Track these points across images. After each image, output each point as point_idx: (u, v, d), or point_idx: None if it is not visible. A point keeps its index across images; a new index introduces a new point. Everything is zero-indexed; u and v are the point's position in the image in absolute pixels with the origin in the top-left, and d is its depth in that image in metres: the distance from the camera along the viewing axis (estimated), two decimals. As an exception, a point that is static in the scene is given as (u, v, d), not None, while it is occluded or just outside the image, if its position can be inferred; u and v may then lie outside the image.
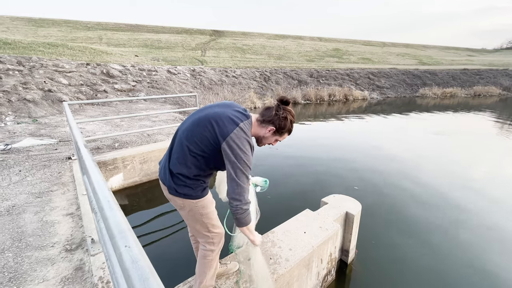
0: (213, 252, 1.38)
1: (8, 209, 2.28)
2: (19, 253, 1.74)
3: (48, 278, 1.53)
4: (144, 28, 35.27)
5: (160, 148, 4.38)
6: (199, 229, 1.34)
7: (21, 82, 7.40)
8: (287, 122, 1.24)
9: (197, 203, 1.26)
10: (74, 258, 1.71)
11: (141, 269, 0.46)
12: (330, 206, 2.47)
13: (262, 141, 1.32)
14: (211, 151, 1.18)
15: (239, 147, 1.12)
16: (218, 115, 1.17)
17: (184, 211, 1.30)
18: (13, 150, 3.92)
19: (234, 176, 1.11)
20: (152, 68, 12.09)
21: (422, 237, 3.02)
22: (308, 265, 1.89)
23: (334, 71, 19.07)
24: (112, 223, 0.61)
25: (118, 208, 0.69)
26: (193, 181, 1.23)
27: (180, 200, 1.25)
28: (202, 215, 1.29)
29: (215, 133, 1.14)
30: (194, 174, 1.22)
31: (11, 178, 2.95)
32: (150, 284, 0.43)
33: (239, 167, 1.11)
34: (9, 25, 25.99)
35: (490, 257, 2.74)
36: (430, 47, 55.99)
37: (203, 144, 1.17)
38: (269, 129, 1.25)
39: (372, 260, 2.68)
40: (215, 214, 1.38)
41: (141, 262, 0.48)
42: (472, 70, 24.72)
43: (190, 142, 1.18)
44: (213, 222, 1.35)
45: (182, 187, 1.22)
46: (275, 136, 1.29)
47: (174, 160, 1.23)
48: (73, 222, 2.12)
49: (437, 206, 3.69)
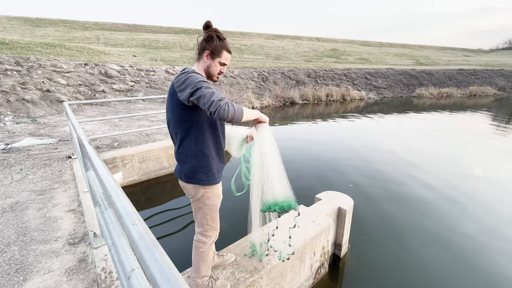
0: (204, 244, 1.45)
1: (11, 206, 2.36)
2: (24, 246, 1.82)
3: (53, 269, 1.61)
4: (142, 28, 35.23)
5: (159, 148, 4.46)
6: (199, 218, 1.42)
7: (20, 82, 7.44)
8: (214, 39, 1.24)
9: (205, 192, 1.35)
10: (77, 251, 1.79)
11: (146, 241, 0.55)
12: (323, 202, 2.56)
13: (211, 73, 1.31)
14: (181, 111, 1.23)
15: (181, 80, 1.16)
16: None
17: (194, 198, 1.38)
18: (14, 150, 3.98)
19: (198, 95, 1.09)
20: (150, 68, 12.14)
21: (415, 234, 3.12)
22: (301, 257, 1.98)
23: (332, 71, 19.20)
24: (120, 207, 0.70)
25: (124, 195, 0.78)
26: (200, 158, 1.30)
27: (190, 185, 1.35)
28: (206, 205, 1.38)
29: (171, 97, 1.25)
30: (196, 147, 1.28)
31: (13, 177, 3.02)
32: (154, 252, 0.52)
33: (195, 87, 1.10)
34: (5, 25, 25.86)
35: (483, 253, 2.84)
36: (427, 48, 56.38)
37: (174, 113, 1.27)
38: (205, 54, 1.26)
39: (365, 254, 2.78)
40: (217, 209, 1.46)
41: (146, 236, 0.56)
42: (468, 70, 24.99)
43: (171, 119, 1.31)
44: (212, 215, 1.43)
45: (191, 171, 1.32)
46: (216, 59, 1.27)
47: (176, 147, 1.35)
48: (75, 218, 2.19)
49: (431, 204, 3.79)
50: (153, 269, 0.48)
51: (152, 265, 0.49)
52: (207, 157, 1.31)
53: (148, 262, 0.50)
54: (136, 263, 0.80)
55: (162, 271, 0.47)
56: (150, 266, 0.49)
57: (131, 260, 0.81)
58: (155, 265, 0.49)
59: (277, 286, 1.83)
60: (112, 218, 1.14)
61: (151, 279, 0.47)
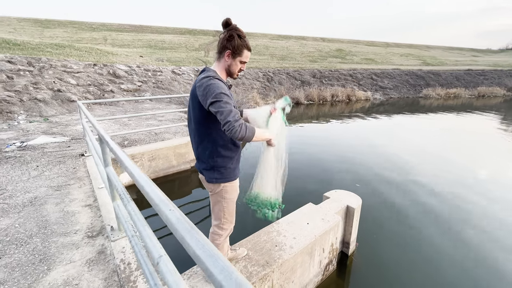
0: (220, 236, 1.52)
1: (31, 201, 2.45)
2: (46, 238, 1.90)
3: (75, 260, 1.69)
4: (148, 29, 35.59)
5: (167, 146, 4.54)
6: (216, 211, 1.48)
7: (32, 82, 7.63)
8: (235, 38, 1.26)
9: (224, 186, 1.42)
10: (96, 243, 1.87)
11: (184, 224, 0.61)
12: (331, 200, 2.60)
13: (232, 71, 1.35)
14: (201, 112, 1.29)
15: (203, 85, 1.20)
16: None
17: (212, 192, 1.46)
18: (29, 147, 4.11)
19: (217, 109, 1.15)
20: (157, 68, 12.30)
21: (423, 233, 3.13)
22: (310, 253, 2.03)
23: (337, 72, 19.14)
24: (153, 196, 0.76)
25: (153, 183, 0.84)
26: (217, 159, 1.36)
27: (211, 184, 1.42)
28: (225, 199, 1.44)
29: (193, 97, 1.31)
30: (214, 148, 1.35)
31: (30, 173, 3.13)
32: (193, 234, 0.58)
33: (215, 99, 1.16)
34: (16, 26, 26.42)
35: (492, 252, 2.84)
36: (434, 48, 55.67)
37: (194, 115, 1.33)
38: (226, 54, 1.29)
39: (373, 253, 2.80)
40: (234, 203, 1.52)
41: (183, 219, 0.62)
42: (476, 70, 24.62)
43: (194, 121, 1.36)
44: (230, 209, 1.49)
45: (211, 171, 1.38)
46: (237, 58, 1.31)
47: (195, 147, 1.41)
48: (92, 212, 2.28)
49: (439, 204, 3.80)
50: (195, 247, 0.54)
51: (193, 244, 0.55)
52: (224, 157, 1.36)
53: (190, 242, 0.55)
54: (162, 250, 0.86)
55: (204, 248, 0.53)
56: (192, 245, 0.55)
57: (158, 247, 0.87)
58: (197, 243, 0.54)
59: (287, 281, 1.88)
60: (135, 209, 1.20)
61: (194, 256, 0.53)
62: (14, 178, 2.96)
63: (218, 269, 0.47)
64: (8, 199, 2.47)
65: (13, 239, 1.88)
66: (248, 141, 1.22)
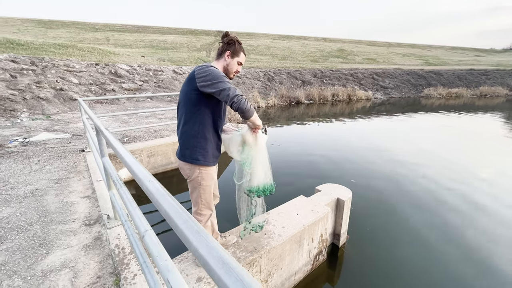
0: (200, 222, 1.58)
1: (32, 192, 2.55)
2: (45, 226, 1.99)
3: (72, 245, 1.78)
4: (150, 29, 35.84)
5: (166, 143, 4.63)
6: (194, 197, 1.57)
7: (35, 81, 7.77)
8: (235, 42, 1.51)
9: (200, 172, 1.50)
10: (93, 230, 1.95)
11: (164, 195, 0.68)
12: (322, 193, 2.67)
13: (229, 70, 1.53)
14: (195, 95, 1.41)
15: (205, 70, 1.34)
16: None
17: (189, 178, 1.55)
18: (31, 143, 4.22)
19: (222, 87, 1.29)
20: (158, 68, 12.42)
21: (416, 229, 3.18)
22: (299, 241, 2.10)
23: (338, 71, 19.17)
24: (135, 168, 0.84)
25: (138, 163, 0.92)
26: (200, 139, 1.46)
27: (187, 165, 1.51)
28: (201, 186, 1.52)
29: (189, 81, 1.42)
30: (199, 128, 1.45)
31: (32, 167, 3.23)
32: (177, 210, 0.64)
33: (219, 80, 1.30)
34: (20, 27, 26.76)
35: (482, 244, 2.89)
36: (437, 48, 55.43)
37: (187, 96, 1.44)
38: (227, 54, 1.50)
39: (365, 246, 2.86)
40: (211, 191, 1.60)
41: (162, 190, 0.70)
42: (478, 70, 24.49)
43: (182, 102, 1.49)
44: (206, 195, 1.57)
45: (191, 151, 1.48)
46: (235, 58, 1.52)
47: (180, 128, 1.52)
48: (90, 203, 2.37)
49: (432, 200, 3.85)
50: (178, 221, 0.59)
51: (180, 222, 0.59)
52: (207, 139, 1.48)
53: (175, 218, 0.60)
54: (148, 226, 0.94)
55: (187, 223, 0.58)
56: (178, 222, 0.59)
57: (144, 223, 0.96)
58: (180, 218, 0.60)
59: (276, 267, 1.95)
60: (126, 193, 1.28)
61: (177, 230, 0.58)
62: (16, 171, 3.07)
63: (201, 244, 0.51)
64: (10, 191, 2.56)
65: (14, 226, 1.98)
66: (249, 116, 1.36)
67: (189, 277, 1.57)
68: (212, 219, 1.79)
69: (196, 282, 1.53)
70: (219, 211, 2.08)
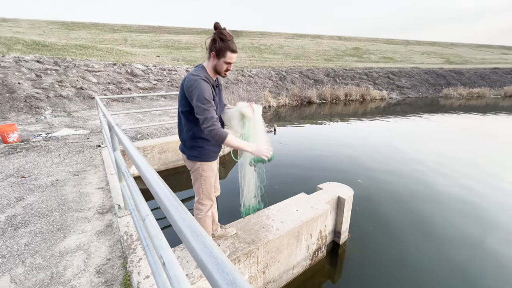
0: (201, 211, 1.70)
1: (53, 183, 2.78)
2: (63, 213, 2.19)
3: (86, 231, 1.95)
4: (166, 30, 36.72)
5: (177, 140, 4.80)
6: (196, 187, 1.67)
7: (57, 80, 8.25)
8: (218, 41, 1.39)
9: (201, 165, 1.60)
10: (105, 218, 2.12)
11: (165, 192, 0.79)
12: (324, 191, 2.72)
13: (219, 70, 1.49)
14: (187, 102, 1.46)
15: (190, 84, 1.38)
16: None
17: (192, 170, 1.65)
18: (53, 138, 4.53)
19: (197, 111, 1.37)
20: (172, 67, 12.77)
21: (418, 229, 3.16)
22: (297, 236, 2.17)
23: (352, 71, 18.84)
24: (135, 158, 0.95)
25: (138, 152, 1.04)
26: (198, 140, 1.56)
27: (190, 162, 1.62)
28: (202, 176, 1.62)
29: (182, 88, 1.47)
30: (195, 131, 1.54)
31: (53, 160, 3.50)
32: (173, 203, 0.76)
33: (198, 101, 1.35)
34: (45, 29, 28.26)
35: (484, 244, 2.84)
36: (459, 45, 52.91)
37: (181, 102, 1.51)
38: (212, 55, 1.44)
39: (366, 245, 2.88)
40: (211, 182, 1.70)
41: (158, 181, 0.81)
42: (504, 69, 23.22)
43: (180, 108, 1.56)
44: (207, 186, 1.66)
45: (191, 149, 1.58)
46: (221, 58, 1.43)
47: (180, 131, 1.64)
48: (103, 194, 2.55)
49: (440, 203, 3.78)
50: (170, 207, 0.69)
51: (173, 210, 0.69)
52: (204, 139, 1.56)
53: (169, 206, 0.70)
54: (149, 211, 1.07)
55: (177, 209, 0.68)
56: (171, 211, 0.70)
57: (146, 208, 1.08)
58: (172, 205, 0.70)
59: (273, 260, 2.04)
60: (133, 183, 1.42)
61: (167, 214, 0.68)
62: (40, 164, 3.33)
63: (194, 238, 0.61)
64: (34, 181, 2.81)
65: (37, 212, 2.18)
66: (220, 143, 1.41)
67: (189, 264, 1.69)
68: (213, 210, 1.89)
69: (195, 269, 1.64)
70: (221, 206, 2.20)
